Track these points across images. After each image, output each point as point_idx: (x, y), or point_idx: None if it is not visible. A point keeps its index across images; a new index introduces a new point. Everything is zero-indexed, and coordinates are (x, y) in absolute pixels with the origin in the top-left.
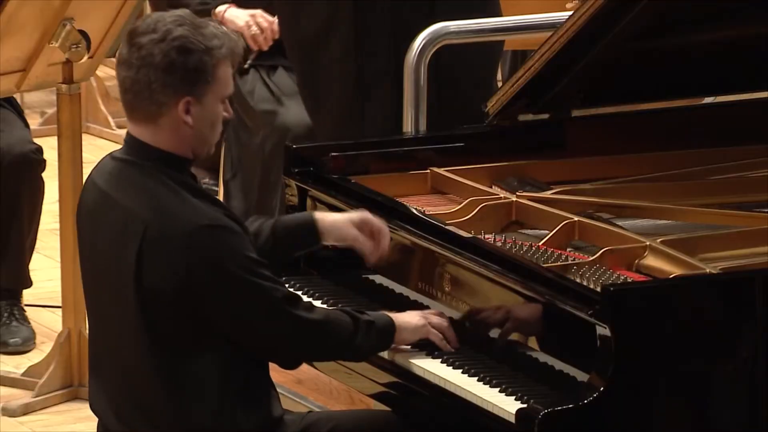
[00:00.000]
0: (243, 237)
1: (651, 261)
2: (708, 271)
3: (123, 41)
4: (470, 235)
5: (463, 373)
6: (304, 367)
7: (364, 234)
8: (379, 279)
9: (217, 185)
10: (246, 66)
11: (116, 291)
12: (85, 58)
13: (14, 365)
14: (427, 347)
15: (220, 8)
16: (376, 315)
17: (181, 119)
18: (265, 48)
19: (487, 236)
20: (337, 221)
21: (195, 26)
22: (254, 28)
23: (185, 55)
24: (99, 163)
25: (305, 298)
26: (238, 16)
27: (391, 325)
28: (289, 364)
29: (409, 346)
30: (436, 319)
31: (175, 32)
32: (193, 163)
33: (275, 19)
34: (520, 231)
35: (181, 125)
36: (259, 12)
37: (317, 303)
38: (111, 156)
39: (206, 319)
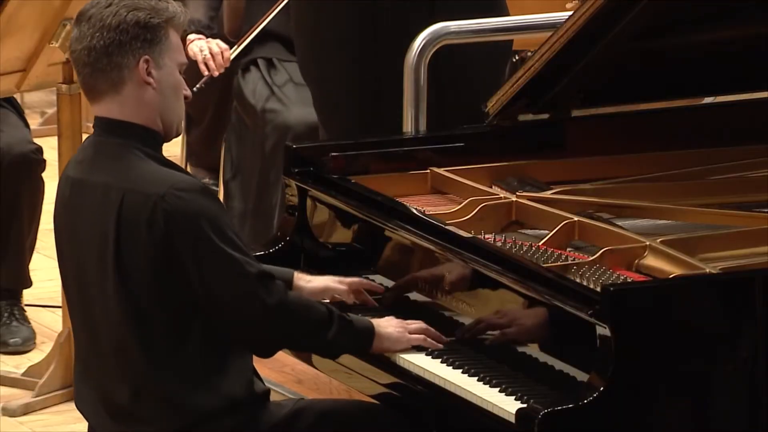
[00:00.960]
0: (221, 207)
1: (651, 261)
2: (708, 271)
3: (73, 25)
4: (470, 235)
5: (463, 373)
6: (304, 366)
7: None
8: (379, 279)
9: (217, 185)
10: (194, 90)
11: (98, 273)
12: None
13: (14, 365)
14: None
15: (191, 36)
16: (358, 318)
17: (143, 80)
18: (216, 74)
19: (487, 236)
20: (314, 289)
21: None
22: (206, 53)
23: (135, 12)
24: (69, 161)
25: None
26: (195, 43)
27: (370, 330)
28: (261, 347)
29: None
30: (413, 326)
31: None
32: (164, 140)
33: (226, 47)
34: (520, 231)
35: (145, 89)
36: (215, 41)
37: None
38: (80, 147)
39: (180, 290)
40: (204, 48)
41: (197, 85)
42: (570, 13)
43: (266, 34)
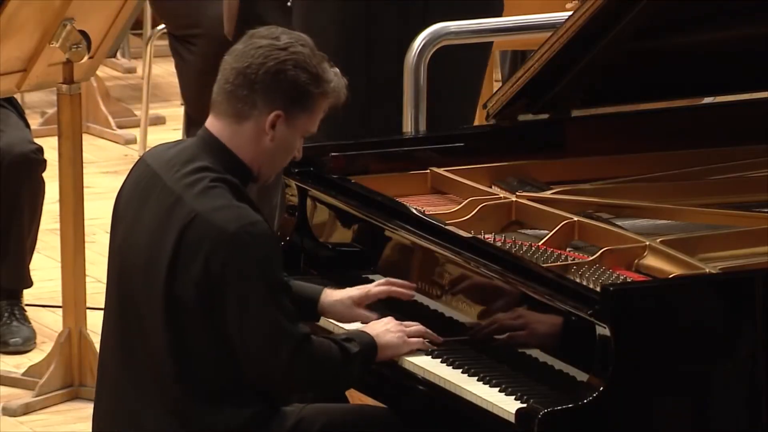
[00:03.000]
0: (281, 259)
1: (651, 261)
2: (708, 271)
3: (243, 38)
4: (470, 235)
5: (463, 372)
6: None
7: (362, 306)
8: (379, 279)
9: None
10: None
11: (147, 274)
12: (86, 58)
13: (15, 365)
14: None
15: None
16: (358, 336)
17: (265, 130)
18: None
19: (486, 236)
20: (337, 302)
21: (315, 55)
22: None
23: (298, 71)
24: (154, 147)
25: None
26: None
27: (372, 346)
28: (278, 396)
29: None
30: (412, 329)
31: (296, 48)
32: (254, 182)
33: None
34: (519, 231)
35: (262, 136)
36: None
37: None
38: (173, 143)
39: (218, 327)
40: None
41: None
42: (570, 13)
43: None
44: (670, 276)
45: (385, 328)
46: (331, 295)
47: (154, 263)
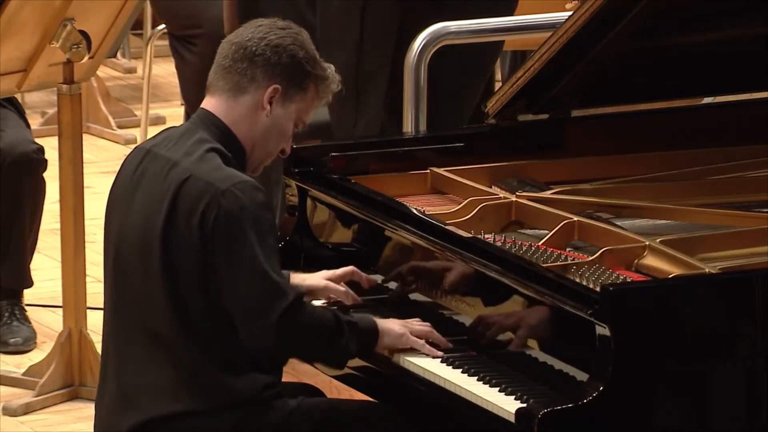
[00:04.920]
0: (273, 216)
1: (650, 261)
2: (707, 270)
3: (243, 24)
4: (470, 235)
5: (462, 372)
6: (305, 366)
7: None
8: (379, 279)
9: None
10: None
11: (141, 247)
12: (86, 58)
13: (15, 365)
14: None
15: None
16: (361, 319)
17: (262, 104)
18: None
19: (486, 236)
20: (312, 288)
21: (315, 50)
22: None
23: (296, 48)
24: (153, 136)
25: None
26: None
27: (374, 329)
28: (272, 355)
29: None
30: (417, 327)
31: (299, 36)
32: (244, 167)
33: None
34: (519, 231)
35: (258, 111)
36: None
37: (317, 302)
38: (167, 128)
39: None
40: None
41: None
42: (570, 13)
43: None
44: (670, 276)
45: (390, 320)
46: (303, 280)
47: (150, 229)
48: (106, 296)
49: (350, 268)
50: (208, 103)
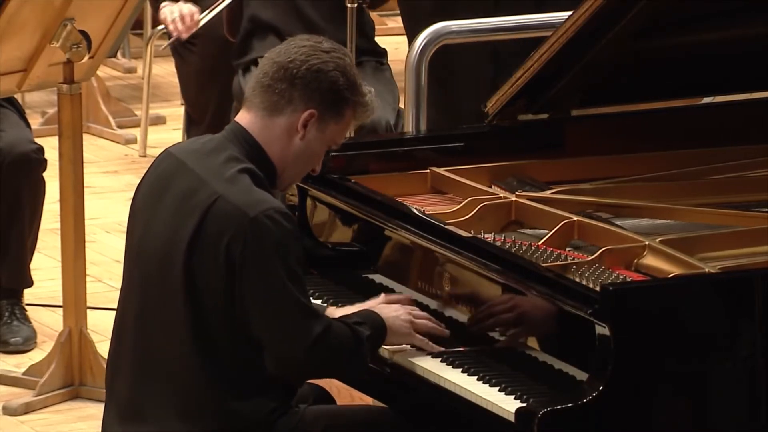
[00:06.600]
0: (300, 247)
1: (650, 260)
2: (707, 270)
3: (284, 42)
4: (470, 235)
5: (462, 372)
6: None
7: None
8: (379, 279)
9: None
10: (162, 48)
11: (165, 256)
12: (86, 58)
13: (15, 364)
14: None
15: (163, 3)
16: (371, 321)
17: (296, 128)
18: (184, 36)
19: (486, 236)
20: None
21: (356, 74)
22: (175, 15)
23: (338, 74)
24: (179, 142)
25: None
26: (166, 8)
27: (383, 331)
28: (297, 381)
29: (408, 346)
30: (420, 323)
31: (339, 54)
32: (273, 187)
33: (196, 10)
34: (519, 231)
35: (293, 134)
36: (186, 4)
37: (317, 302)
38: (198, 137)
39: (238, 308)
40: (174, 11)
41: (167, 44)
42: (570, 13)
43: (267, 33)
44: (670, 276)
45: (395, 314)
46: (334, 312)
47: (175, 245)
48: (122, 298)
49: (406, 296)
50: (243, 118)
